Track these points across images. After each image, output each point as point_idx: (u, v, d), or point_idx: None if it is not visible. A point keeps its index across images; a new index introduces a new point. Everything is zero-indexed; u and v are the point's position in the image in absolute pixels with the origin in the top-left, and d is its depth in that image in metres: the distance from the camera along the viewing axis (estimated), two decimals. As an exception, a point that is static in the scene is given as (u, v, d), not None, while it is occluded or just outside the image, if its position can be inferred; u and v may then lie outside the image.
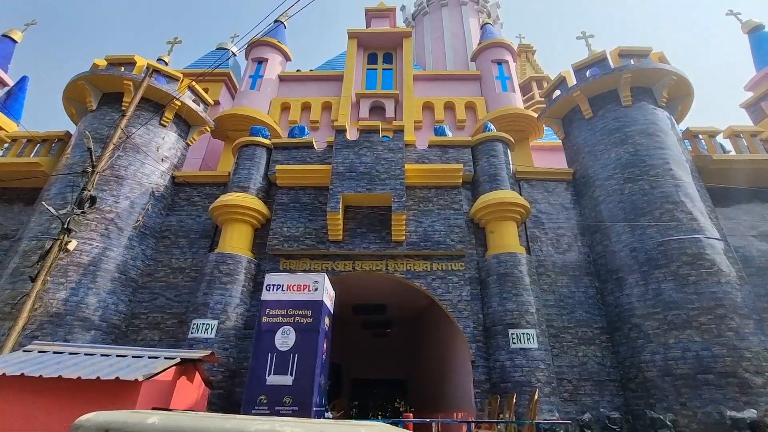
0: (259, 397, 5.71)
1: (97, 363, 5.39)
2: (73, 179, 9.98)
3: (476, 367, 8.73)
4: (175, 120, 12.08)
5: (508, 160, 11.22)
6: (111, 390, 4.76)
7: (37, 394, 4.74)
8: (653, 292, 8.64)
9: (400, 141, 10.56)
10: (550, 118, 12.57)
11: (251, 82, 15.04)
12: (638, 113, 10.88)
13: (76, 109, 12.31)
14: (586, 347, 9.12)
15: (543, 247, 10.33)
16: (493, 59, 15.68)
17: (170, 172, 11.60)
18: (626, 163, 10.21)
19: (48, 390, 4.76)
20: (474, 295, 9.50)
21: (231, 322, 8.93)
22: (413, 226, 10.01)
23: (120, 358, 5.63)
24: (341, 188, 9.80)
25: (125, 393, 4.77)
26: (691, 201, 9.47)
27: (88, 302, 8.96)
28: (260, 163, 11.10)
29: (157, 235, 10.80)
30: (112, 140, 8.80)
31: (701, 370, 7.62)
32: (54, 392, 4.76)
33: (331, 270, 9.73)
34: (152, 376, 4.98)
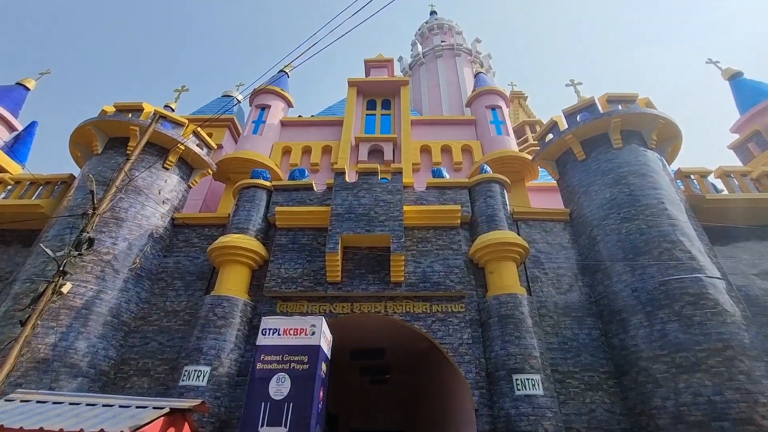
0: (250, 450, 5.39)
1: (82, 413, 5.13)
2: (73, 221, 10.00)
3: (480, 416, 8.32)
4: (178, 163, 12.33)
5: (505, 200, 11.36)
6: (95, 443, 4.49)
7: (15, 449, 4.47)
8: (658, 333, 8.44)
9: (398, 183, 10.74)
10: (544, 160, 12.89)
11: (254, 127, 15.53)
12: (629, 155, 11.17)
13: (82, 152, 12.57)
14: (593, 393, 8.75)
15: (544, 287, 10.21)
16: (487, 105, 16.33)
17: (170, 214, 11.66)
18: (621, 202, 10.34)
19: (27, 443, 4.50)
20: (475, 338, 9.25)
21: (224, 369, 8.60)
22: (412, 267, 9.94)
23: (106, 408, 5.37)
24: (340, 229, 9.83)
25: (109, 446, 4.50)
26: (689, 240, 9.49)
27: (77, 347, 8.67)
28: (260, 205, 11.21)
29: (153, 277, 10.67)
30: (115, 183, 8.93)
31: (715, 416, 7.27)
32: (33, 446, 4.49)
33: (328, 312, 9.54)
34: (139, 428, 4.73)
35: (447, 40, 25.11)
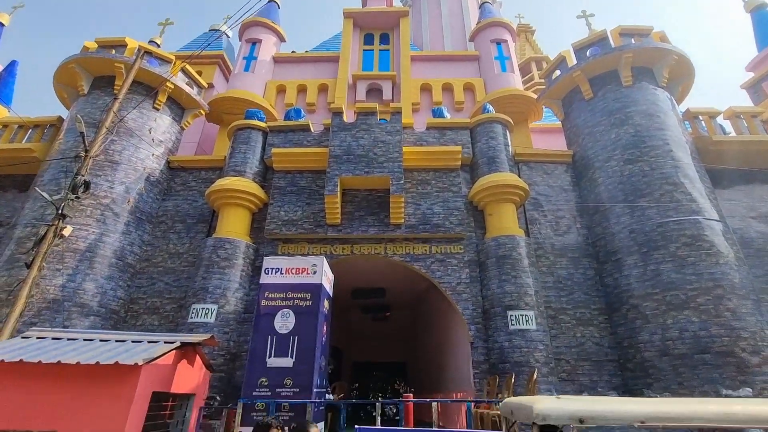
0: (259, 379, 5.73)
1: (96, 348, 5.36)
2: (67, 165, 9.81)
3: (475, 349, 8.80)
4: (168, 103, 11.84)
5: (507, 141, 11.10)
6: (111, 375, 4.74)
7: (36, 380, 4.71)
8: (652, 273, 8.66)
9: (397, 123, 10.40)
10: (549, 99, 12.40)
11: (245, 64, 14.71)
12: (639, 94, 10.73)
13: (68, 93, 12.04)
14: (584, 328, 9.19)
15: (542, 229, 10.31)
16: (492, 39, 15.35)
17: (165, 157, 11.43)
18: (626, 144, 10.11)
19: (47, 376, 4.73)
20: (473, 278, 9.51)
21: (230, 307, 8.93)
22: (412, 209, 9.94)
23: (119, 343, 5.61)
24: (339, 171, 9.69)
25: (125, 377, 4.75)
26: (691, 182, 9.42)
27: (85, 288, 8.92)
28: (256, 147, 10.95)
29: (154, 221, 10.71)
30: (105, 124, 8.61)
31: (699, 350, 7.70)
32: (53, 378, 4.73)
33: (329, 254, 9.69)
34: (152, 360, 4.96)
35: (451, -35, 22.98)
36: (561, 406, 2.19)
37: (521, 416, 2.39)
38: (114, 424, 4.48)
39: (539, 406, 2.18)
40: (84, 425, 4.45)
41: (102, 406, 4.58)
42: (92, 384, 4.70)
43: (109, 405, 4.60)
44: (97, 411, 4.54)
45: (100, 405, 4.58)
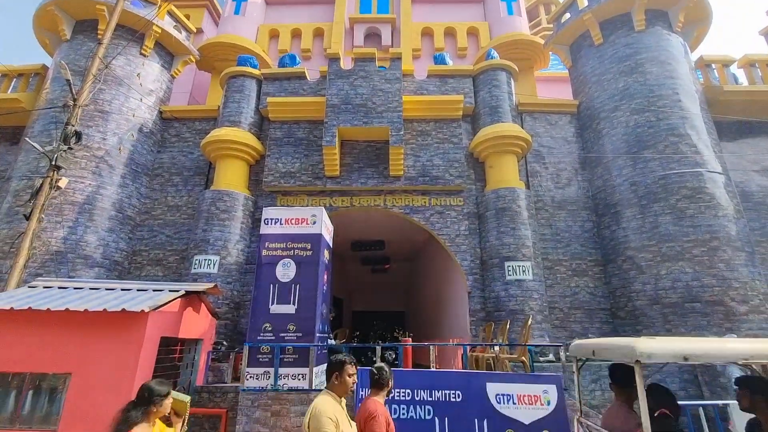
0: (263, 324, 5.92)
1: (103, 296, 5.49)
2: (56, 115, 9.51)
3: (472, 298, 9.05)
4: (156, 50, 11.26)
5: (511, 90, 10.71)
6: (117, 322, 4.88)
7: (45, 328, 4.85)
8: (650, 225, 8.72)
9: (397, 70, 9.96)
10: (557, 44, 11.80)
11: (235, 6, 13.82)
12: (651, 39, 10.20)
13: (50, 39, 11.41)
14: (579, 278, 9.41)
15: (542, 181, 10.24)
16: (499, -22, 14.31)
17: (157, 107, 11.06)
18: (634, 93, 9.77)
19: (54, 323, 4.87)
20: (472, 230, 9.58)
21: (232, 258, 9.06)
22: (411, 160, 9.79)
23: (125, 292, 5.73)
24: (336, 121, 9.42)
25: (132, 325, 4.90)
26: (697, 134, 9.22)
27: (87, 240, 8.99)
28: (250, 96, 10.56)
29: (150, 173, 10.58)
30: (91, 71, 8.22)
31: (689, 298, 7.93)
32: (60, 326, 4.87)
33: (328, 206, 9.68)
34: (158, 307, 5.09)
35: None
36: (664, 345, 2.31)
37: (616, 355, 2.45)
38: (126, 366, 4.68)
39: (643, 346, 2.29)
40: (97, 367, 4.65)
41: (113, 350, 4.76)
42: (102, 330, 4.86)
43: (120, 349, 4.78)
44: (109, 355, 4.73)
45: (111, 349, 4.76)
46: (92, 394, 4.51)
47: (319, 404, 2.40)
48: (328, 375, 2.58)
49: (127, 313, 4.83)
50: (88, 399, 4.49)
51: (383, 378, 2.88)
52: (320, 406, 2.38)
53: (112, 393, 4.48)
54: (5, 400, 4.60)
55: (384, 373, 2.90)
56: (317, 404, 2.41)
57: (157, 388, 2.51)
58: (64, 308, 4.85)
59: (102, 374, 4.62)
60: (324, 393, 2.54)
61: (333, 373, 2.56)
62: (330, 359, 2.60)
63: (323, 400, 2.45)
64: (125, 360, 4.71)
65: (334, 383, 2.55)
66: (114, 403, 4.41)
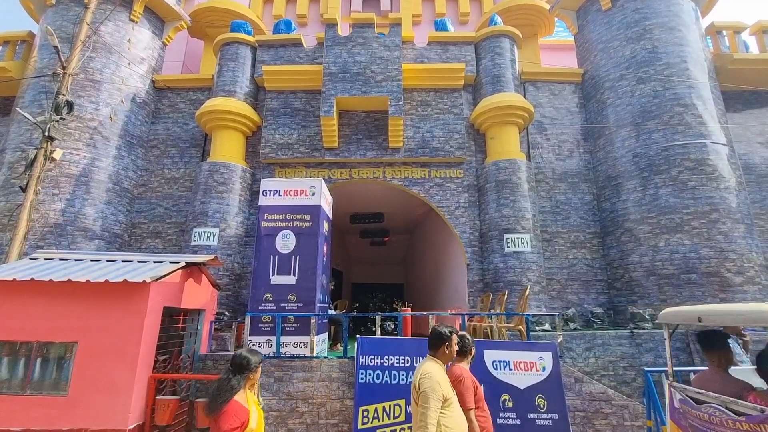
0: (264, 295, 6.00)
1: (104, 268, 5.51)
2: (46, 84, 9.24)
3: (471, 270, 9.14)
4: (146, 15, 10.82)
5: (514, 58, 10.40)
6: (120, 293, 4.92)
7: (48, 298, 4.90)
8: (650, 197, 8.69)
9: (396, 37, 9.63)
10: (563, 9, 11.36)
11: (228, -31, 13.17)
12: (661, 3, 9.82)
13: (35, 4, 10.92)
14: (576, 250, 9.47)
15: (544, 153, 10.12)
16: (505, -63, 13.60)
17: (150, 76, 10.75)
18: (641, 61, 9.50)
19: (58, 294, 4.91)
20: (471, 202, 9.55)
21: (231, 230, 9.07)
22: (411, 131, 9.63)
23: (126, 263, 5.76)
24: (334, 91, 9.19)
25: (135, 295, 4.94)
26: (704, 104, 9.03)
27: (86, 213, 8.96)
28: (245, 64, 10.25)
29: (145, 145, 10.42)
30: (79, 38, 7.92)
31: (686, 270, 8.01)
32: (63, 296, 4.91)
33: (327, 178, 9.60)
34: (160, 278, 5.12)
35: None
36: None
37: (740, 321, 2.62)
38: (131, 334, 4.76)
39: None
40: (103, 336, 4.73)
41: (117, 320, 4.82)
42: (104, 301, 4.91)
43: (123, 318, 4.84)
44: (113, 324, 4.80)
45: (115, 319, 4.83)
46: (99, 361, 4.61)
47: (429, 368, 2.71)
48: (437, 344, 2.84)
49: (130, 284, 4.86)
50: (96, 366, 4.59)
51: (466, 345, 3.22)
52: (430, 370, 2.69)
53: (118, 360, 4.60)
54: (15, 368, 4.71)
55: (467, 340, 3.23)
56: (428, 368, 2.71)
57: (254, 358, 2.69)
58: (66, 279, 4.87)
59: (108, 343, 4.70)
60: (431, 360, 2.82)
61: (443, 344, 2.83)
62: (440, 331, 2.86)
63: (432, 366, 2.74)
64: (130, 329, 4.78)
65: (444, 352, 2.84)
66: (121, 370, 4.58)
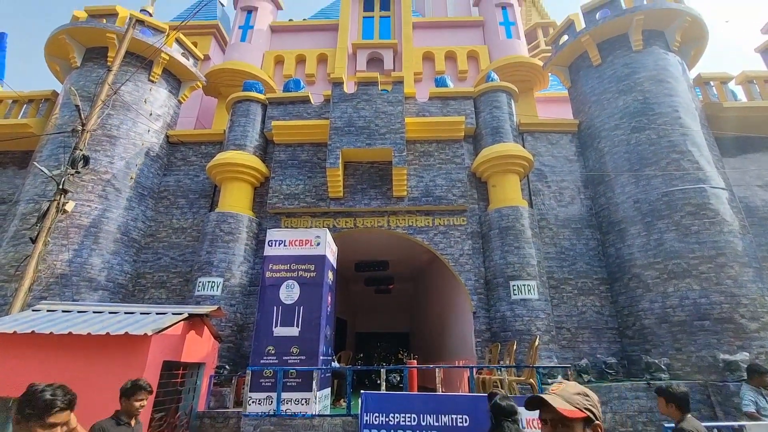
0: (267, 347, 5.85)
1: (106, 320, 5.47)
2: (64, 139, 9.70)
3: (477, 318, 8.94)
4: (164, 76, 11.58)
5: (512, 111, 10.86)
6: (121, 345, 4.85)
7: (48, 351, 4.83)
8: (655, 242, 8.66)
9: (399, 93, 10.16)
10: (556, 66, 12.03)
11: (241, 34, 14.27)
12: (648, 58, 10.39)
13: (60, 66, 11.76)
14: (585, 297, 9.29)
15: (545, 200, 10.25)
16: (497, 3, 14.76)
17: (164, 131, 11.28)
18: (634, 111, 9.88)
19: (59, 347, 4.85)
20: (475, 249, 9.55)
21: (236, 280, 9.04)
22: (414, 181, 9.86)
23: (128, 315, 5.72)
24: (340, 143, 9.55)
25: (136, 348, 4.87)
26: (699, 150, 9.26)
27: (92, 263, 9.02)
28: (256, 120, 10.77)
29: (156, 196, 10.70)
30: (100, 97, 8.44)
31: (698, 316, 7.79)
32: (64, 349, 4.85)
33: (332, 227, 9.71)
34: (161, 331, 5.06)
35: (454, -76, 21.81)
36: None
37: None
38: (127, 391, 4.61)
39: None
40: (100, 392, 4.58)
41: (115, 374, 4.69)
42: (104, 354, 4.82)
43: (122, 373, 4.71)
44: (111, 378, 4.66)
45: (113, 373, 4.70)
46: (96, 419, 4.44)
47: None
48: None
49: (130, 337, 4.80)
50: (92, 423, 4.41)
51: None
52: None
53: (114, 419, 4.41)
54: (5, 427, 4.53)
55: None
56: None
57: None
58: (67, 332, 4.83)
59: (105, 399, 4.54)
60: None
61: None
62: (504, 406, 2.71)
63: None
64: (127, 385, 4.64)
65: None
66: (115, 430, 4.38)
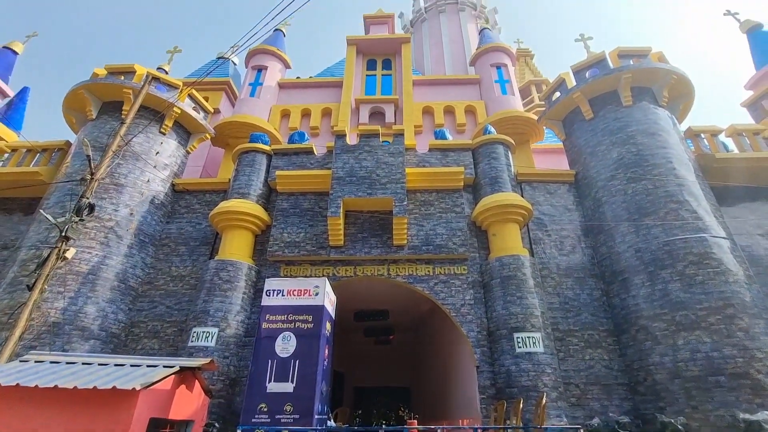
0: (259, 405, 5.57)
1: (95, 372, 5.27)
2: (73, 188, 9.92)
3: (481, 373, 8.57)
4: (175, 128, 12.08)
5: (509, 162, 11.15)
6: (108, 399, 4.64)
7: (33, 405, 4.62)
8: (660, 292, 8.50)
9: (400, 145, 10.50)
10: (550, 120, 12.52)
11: (251, 90, 15.07)
12: (639, 113, 10.83)
13: (76, 118, 12.33)
14: (592, 350, 8.95)
15: (546, 249, 10.21)
16: (492, 63, 15.69)
17: (170, 180, 11.56)
18: (629, 162, 10.13)
19: (44, 400, 4.65)
20: (477, 299, 9.37)
21: (231, 330, 8.81)
22: (415, 230, 9.91)
23: (118, 367, 5.51)
24: (342, 193, 9.73)
25: (123, 402, 4.65)
26: (696, 200, 9.36)
27: (87, 311, 8.86)
28: (260, 170, 11.06)
29: (157, 243, 10.73)
30: (111, 147, 8.76)
31: (712, 371, 7.45)
32: (50, 402, 4.64)
33: (332, 275, 9.62)
34: (150, 385, 4.86)
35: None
36: None
37: None
38: (109, 451, 4.35)
39: None
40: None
41: None
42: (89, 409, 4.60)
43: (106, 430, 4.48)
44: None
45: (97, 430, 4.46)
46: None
47: None
48: None
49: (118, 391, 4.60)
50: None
51: None
52: None
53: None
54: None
55: None
56: None
57: None
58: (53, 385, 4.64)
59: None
60: None
61: None
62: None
63: None
64: (110, 444, 4.39)
65: None
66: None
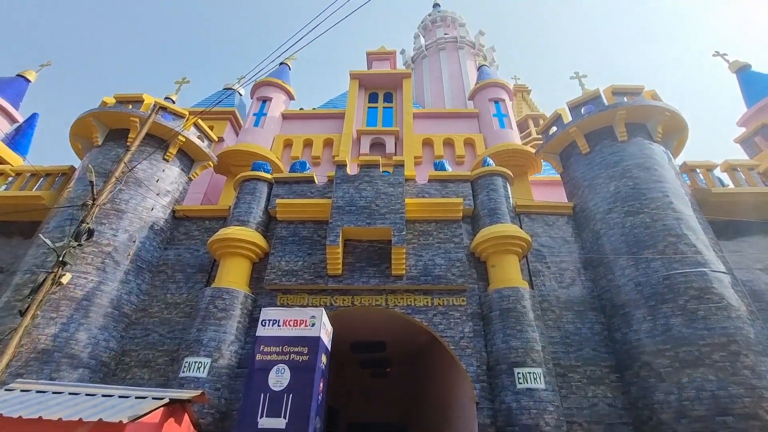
0: (249, 441, 5.36)
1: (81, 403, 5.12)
2: (74, 213, 9.97)
3: (480, 410, 8.28)
4: (178, 155, 12.27)
5: (508, 194, 11.25)
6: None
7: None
8: (662, 327, 8.35)
9: (400, 175, 10.64)
10: (548, 153, 12.75)
11: (255, 120, 15.44)
12: (634, 148, 11.04)
13: (82, 144, 12.55)
14: (595, 387, 8.70)
15: (546, 281, 10.13)
16: (490, 98, 16.16)
17: (171, 206, 11.62)
18: (626, 196, 10.22)
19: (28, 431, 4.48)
20: (476, 332, 9.20)
21: (224, 360, 8.59)
22: (413, 260, 9.87)
23: (105, 398, 5.35)
24: (341, 222, 9.76)
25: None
26: (694, 234, 9.38)
27: (78, 338, 8.67)
28: (261, 198, 11.14)
29: (154, 270, 10.65)
30: (115, 174, 8.87)
31: (719, 411, 7.21)
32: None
33: (329, 305, 9.49)
34: (138, 418, 4.71)
35: (450, 32, 24.85)
36: None
37: None
38: (90, 490, 4.15)
39: None
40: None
41: (80, 470, 4.27)
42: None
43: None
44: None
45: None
46: None
47: None
48: None
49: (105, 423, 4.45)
50: None
51: None
52: None
53: None
54: None
55: None
56: None
57: None
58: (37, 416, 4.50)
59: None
60: None
61: None
62: None
63: None
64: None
65: None
66: None
